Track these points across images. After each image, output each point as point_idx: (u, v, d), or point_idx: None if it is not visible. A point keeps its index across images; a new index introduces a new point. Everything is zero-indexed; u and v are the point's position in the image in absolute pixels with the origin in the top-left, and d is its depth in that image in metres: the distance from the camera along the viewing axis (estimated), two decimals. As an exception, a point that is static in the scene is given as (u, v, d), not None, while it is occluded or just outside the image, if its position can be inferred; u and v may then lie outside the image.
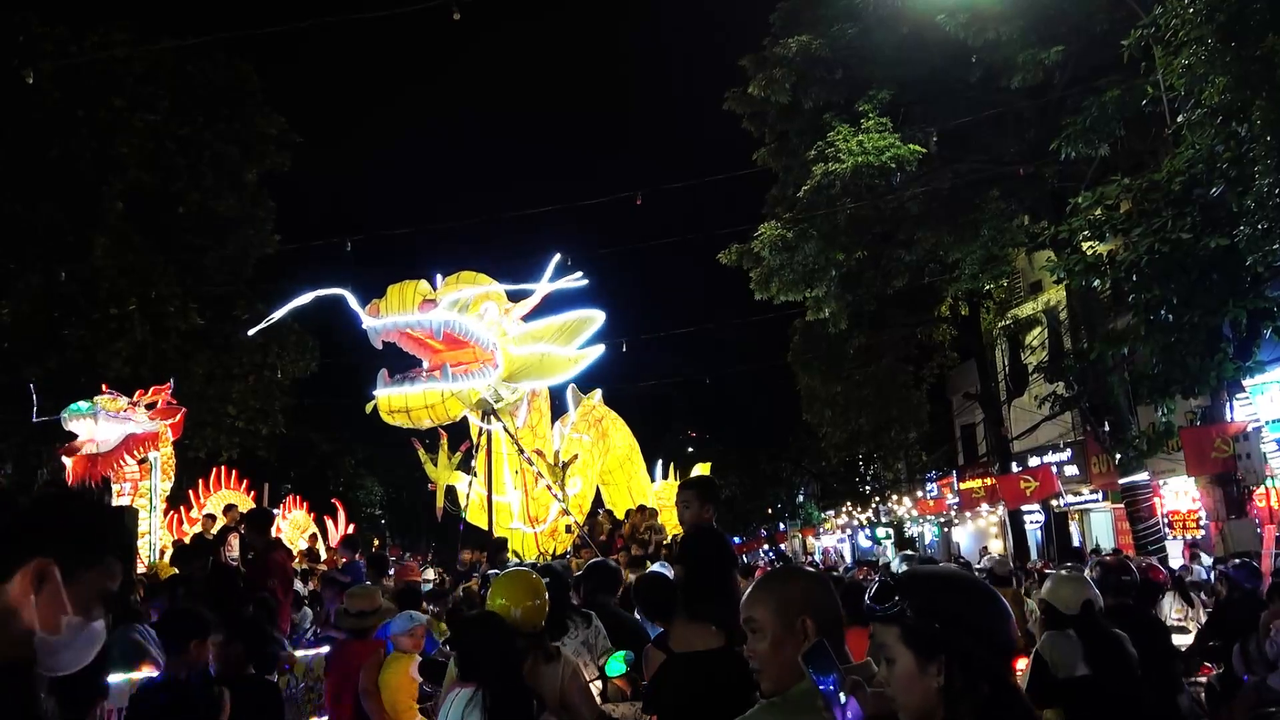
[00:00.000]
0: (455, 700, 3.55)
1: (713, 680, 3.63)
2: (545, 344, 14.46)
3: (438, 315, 13.09)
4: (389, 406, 13.36)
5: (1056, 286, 18.40)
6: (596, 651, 4.70)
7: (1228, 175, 9.75)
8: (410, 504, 38.50)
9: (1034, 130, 15.13)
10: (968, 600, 1.75)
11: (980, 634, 1.70)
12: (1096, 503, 22.39)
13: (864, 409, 23.40)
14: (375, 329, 13.18)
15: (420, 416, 13.50)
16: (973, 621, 1.70)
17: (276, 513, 17.74)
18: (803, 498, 49.45)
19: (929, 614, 1.71)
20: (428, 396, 13.34)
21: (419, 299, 13.17)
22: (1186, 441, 13.69)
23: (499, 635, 3.66)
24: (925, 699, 1.70)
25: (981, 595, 1.77)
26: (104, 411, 12.32)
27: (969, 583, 1.83)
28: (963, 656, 1.68)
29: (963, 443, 30.80)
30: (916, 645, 1.71)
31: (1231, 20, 9.24)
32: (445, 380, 13.27)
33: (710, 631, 3.86)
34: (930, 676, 1.69)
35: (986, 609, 1.74)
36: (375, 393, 13.46)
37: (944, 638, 1.69)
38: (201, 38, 19.58)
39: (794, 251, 16.29)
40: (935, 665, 1.69)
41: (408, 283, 13.45)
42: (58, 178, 18.18)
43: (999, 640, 1.72)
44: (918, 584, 1.79)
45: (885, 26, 15.59)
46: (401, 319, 13.19)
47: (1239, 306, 10.45)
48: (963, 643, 1.68)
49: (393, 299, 13.28)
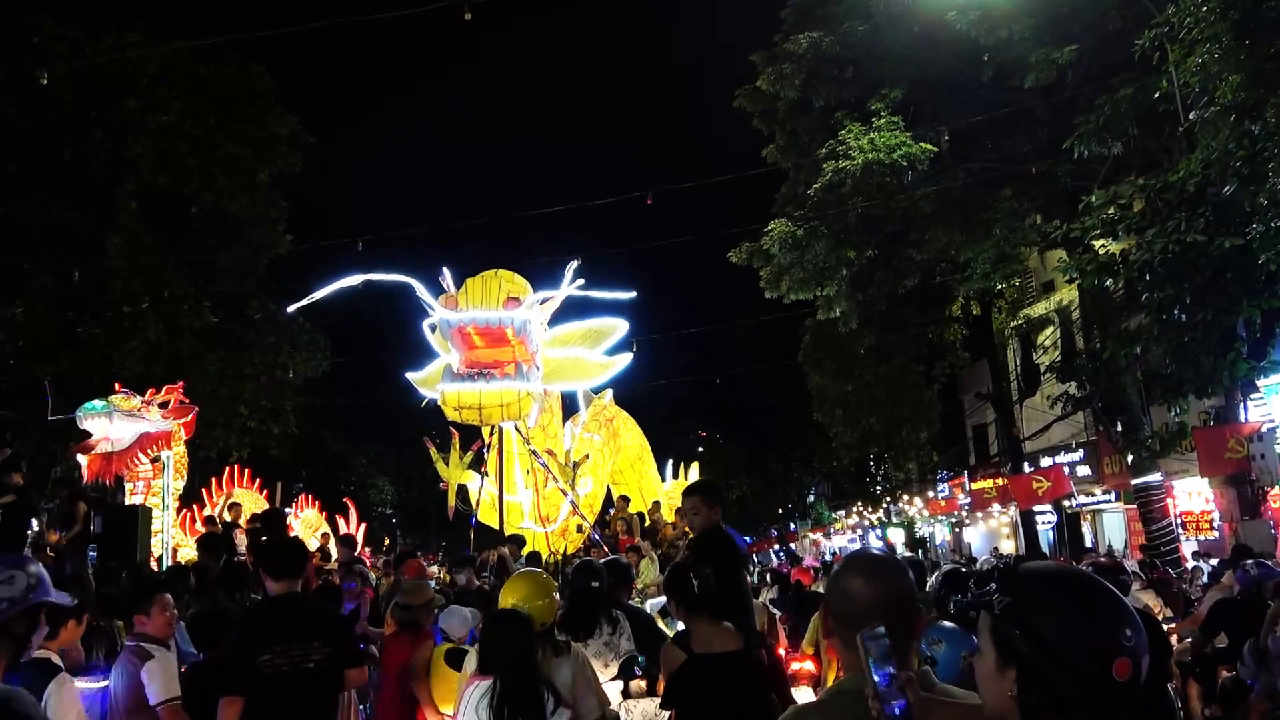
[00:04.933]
0: (474, 691, 3.77)
1: (732, 682, 3.77)
2: (574, 348, 14.43)
3: (520, 314, 12.75)
4: (458, 402, 12.89)
5: (1069, 286, 18.31)
6: (620, 652, 4.78)
7: (1241, 174, 9.69)
8: (421, 503, 38.61)
9: (1046, 129, 15.07)
10: (1061, 616, 1.55)
11: (1064, 659, 1.53)
12: (1109, 503, 22.29)
13: (875, 409, 23.36)
14: (450, 322, 12.79)
15: (492, 414, 13.11)
16: (1057, 641, 1.53)
17: (289, 512, 17.81)
18: (813, 498, 49.38)
19: (1012, 616, 1.59)
20: (504, 395, 12.93)
21: (504, 295, 12.84)
22: (1200, 442, 13.61)
23: (516, 632, 3.82)
24: (1000, 701, 1.62)
25: (1085, 614, 1.56)
26: (118, 410, 12.36)
27: (1078, 594, 1.60)
28: (1036, 674, 1.55)
29: (974, 443, 30.69)
30: (999, 644, 1.62)
31: (1245, 18, 9.19)
32: (520, 379, 12.93)
33: (730, 633, 3.98)
34: (1007, 680, 1.60)
35: (1082, 631, 1.54)
36: (441, 388, 13.00)
37: (1019, 647, 1.57)
38: (214, 39, 19.68)
39: (804, 250, 16.27)
40: (1011, 670, 1.59)
41: (489, 276, 13.12)
42: (71, 179, 18.30)
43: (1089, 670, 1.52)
44: (1017, 581, 1.67)
45: (896, 24, 15.55)
46: (482, 314, 12.77)
47: (1253, 306, 10.39)
48: (1033, 658, 1.55)
49: (474, 292, 12.91)
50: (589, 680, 4.11)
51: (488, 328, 12.81)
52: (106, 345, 18.59)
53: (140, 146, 19.11)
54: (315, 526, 19.08)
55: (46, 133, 17.81)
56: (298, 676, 4.11)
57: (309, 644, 4.14)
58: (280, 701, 4.05)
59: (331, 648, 4.21)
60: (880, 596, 1.97)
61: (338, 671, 4.24)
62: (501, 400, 12.97)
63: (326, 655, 4.18)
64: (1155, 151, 13.65)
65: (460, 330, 12.94)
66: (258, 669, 4.03)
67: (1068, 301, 20.69)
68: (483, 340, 13.10)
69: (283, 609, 4.34)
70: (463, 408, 12.94)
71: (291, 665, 4.10)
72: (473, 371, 12.96)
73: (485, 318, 12.76)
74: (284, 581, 4.36)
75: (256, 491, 17.54)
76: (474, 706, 3.74)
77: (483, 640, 3.99)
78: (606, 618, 4.90)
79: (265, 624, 4.27)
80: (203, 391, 17.95)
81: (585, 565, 5.31)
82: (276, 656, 4.08)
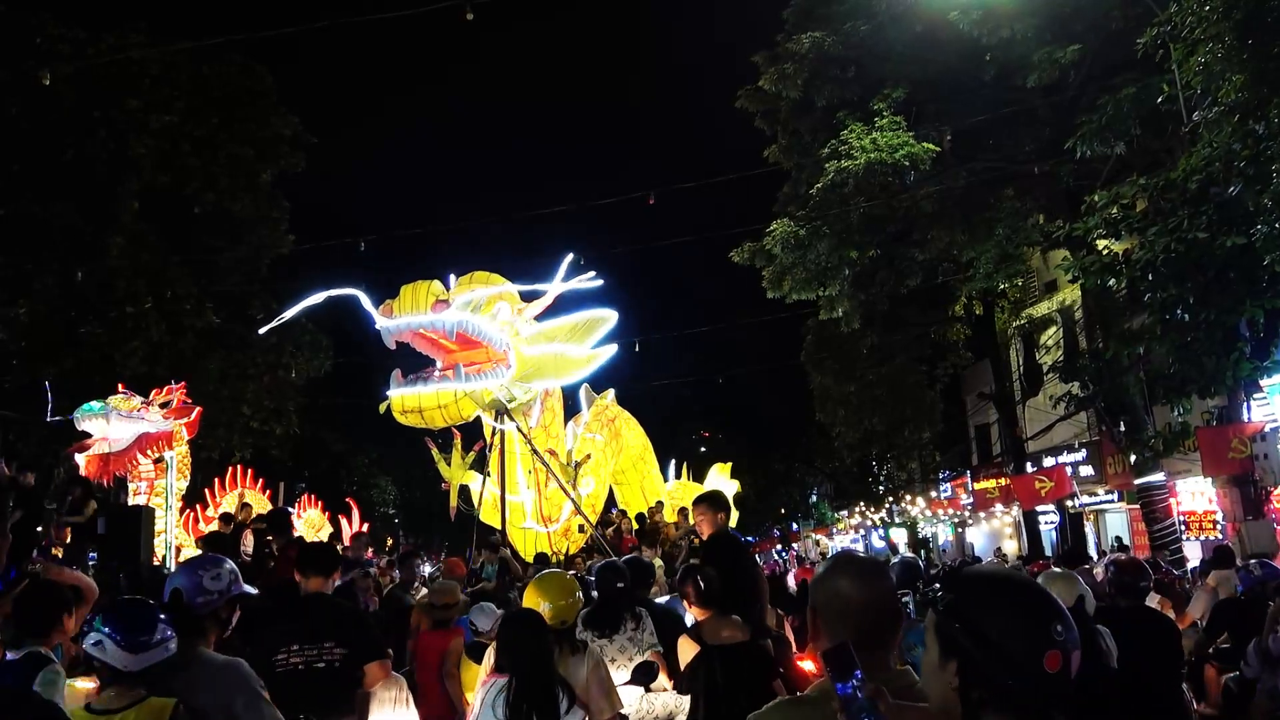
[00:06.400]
0: (490, 688, 3.92)
1: (740, 670, 4.32)
2: (558, 344, 14.45)
3: (450, 316, 13.07)
4: (402, 406, 13.38)
5: (1071, 286, 18.29)
6: (642, 646, 5.03)
7: (1245, 173, 9.67)
8: (424, 503, 38.62)
9: (1049, 129, 15.04)
10: (998, 612, 1.65)
11: (1001, 652, 1.61)
12: (1112, 503, 22.26)
13: (877, 408, 23.34)
14: (389, 329, 13.18)
15: (433, 417, 13.53)
16: (994, 635, 1.62)
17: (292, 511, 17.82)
18: (816, 497, 49.35)
19: (954, 613, 1.68)
20: (440, 397, 13.37)
21: (432, 299, 13.17)
22: (1203, 442, 13.58)
23: (533, 632, 3.98)
24: (943, 695, 1.69)
25: (1021, 611, 1.65)
26: (116, 411, 12.37)
27: (1014, 593, 1.69)
28: (975, 666, 1.63)
29: (977, 443, 30.66)
30: (940, 640, 1.70)
31: (1249, 17, 9.17)
32: (458, 380, 13.28)
33: (738, 626, 4.57)
34: (949, 673, 1.67)
35: (1018, 626, 1.62)
36: (388, 393, 13.46)
37: (960, 641, 1.65)
38: (216, 39, 19.68)
39: (806, 250, 16.26)
40: (953, 665, 1.66)
41: (420, 283, 13.44)
42: (74, 179, 18.31)
43: (1024, 662, 1.60)
44: (960, 582, 1.79)
45: (898, 24, 15.53)
46: (414, 319, 13.18)
47: (1256, 306, 10.37)
48: (977, 654, 1.63)
49: (405, 299, 13.27)
50: (602, 680, 4.26)
51: (443, 331, 13.20)
52: (109, 345, 18.61)
53: (143, 146, 19.13)
54: (318, 527, 19.12)
55: (49, 133, 17.82)
56: (311, 675, 4.17)
57: (322, 644, 4.20)
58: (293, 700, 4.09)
59: (347, 646, 4.26)
60: (863, 598, 2.05)
61: (355, 668, 4.28)
62: (438, 402, 13.35)
63: (341, 655, 4.23)
64: (1158, 151, 13.63)
65: (418, 335, 13.40)
66: (272, 667, 4.08)
67: (1070, 301, 20.66)
68: (455, 344, 13.50)
69: (302, 608, 4.45)
70: (406, 411, 13.40)
71: (305, 664, 4.18)
72: (447, 372, 13.39)
73: (418, 321, 13.17)
74: (315, 579, 4.49)
75: (259, 492, 17.56)
76: (490, 703, 3.86)
77: (500, 639, 4.12)
78: (630, 614, 5.16)
79: (282, 623, 4.35)
80: (205, 391, 17.97)
81: (610, 565, 5.65)
82: (292, 655, 4.16)
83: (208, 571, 3.43)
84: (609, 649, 4.95)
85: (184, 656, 3.15)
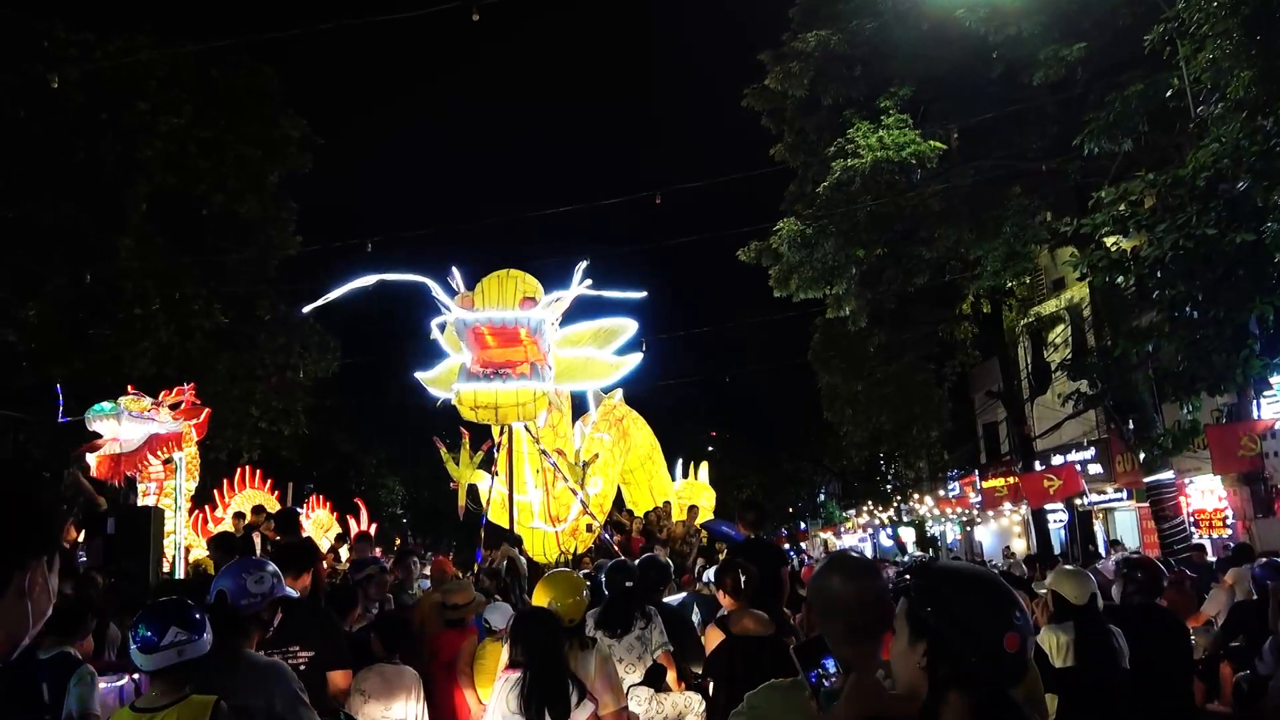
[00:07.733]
0: (504, 683, 4.10)
1: (760, 661, 4.50)
2: (585, 348, 14.42)
3: (536, 314, 12.73)
4: (474, 402, 12.88)
5: (1079, 283, 18.25)
6: (651, 645, 5.14)
7: (1254, 169, 9.64)
8: (432, 503, 38.64)
9: (1056, 126, 15.00)
10: (965, 596, 1.80)
11: (967, 631, 1.76)
12: (1121, 501, 22.21)
13: (885, 407, 23.30)
14: (466, 322, 12.77)
15: (508, 414, 13.12)
16: (961, 617, 1.77)
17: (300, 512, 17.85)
18: (824, 497, 49.32)
19: (925, 597, 1.82)
20: (520, 395, 12.93)
21: (520, 295, 12.83)
22: (1212, 439, 13.53)
23: (544, 629, 4.16)
24: (910, 675, 1.83)
25: (984, 597, 1.81)
26: (127, 412, 12.40)
27: (979, 583, 1.85)
28: (943, 645, 1.77)
29: (985, 441, 30.60)
30: (911, 623, 1.84)
31: (1256, 13, 9.15)
32: (535, 379, 12.92)
33: (764, 620, 4.84)
34: (916, 653, 1.81)
35: (982, 609, 1.78)
36: (457, 387, 12.98)
37: (931, 624, 1.79)
38: (223, 41, 19.73)
39: (813, 248, 16.24)
40: (922, 646, 1.80)
41: (504, 275, 13.09)
42: (82, 181, 18.36)
43: (986, 641, 1.76)
44: (929, 570, 1.92)
45: (905, 22, 15.50)
46: (498, 314, 12.77)
47: (1265, 303, 10.33)
48: (946, 633, 1.77)
49: (491, 292, 12.90)
50: (608, 676, 4.40)
51: (503, 327, 12.80)
52: (118, 346, 18.67)
53: (151, 148, 19.17)
54: (326, 527, 19.14)
55: (57, 135, 17.87)
56: None
57: (287, 647, 4.17)
58: None
59: (312, 650, 4.25)
60: (853, 594, 2.23)
61: (319, 673, 4.24)
62: (517, 400, 12.97)
63: (306, 659, 4.21)
64: (1166, 148, 13.58)
65: (474, 330, 12.92)
66: None
67: (1078, 299, 20.61)
68: (495, 340, 13.06)
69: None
70: (479, 407, 12.95)
71: None
72: (486, 371, 12.92)
73: (501, 317, 12.77)
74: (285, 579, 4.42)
75: (268, 492, 17.60)
76: (504, 697, 4.03)
77: (513, 636, 4.25)
78: (640, 613, 5.28)
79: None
80: (214, 392, 18.00)
81: (620, 566, 5.74)
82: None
83: (251, 575, 3.56)
84: (617, 648, 5.05)
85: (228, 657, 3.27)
